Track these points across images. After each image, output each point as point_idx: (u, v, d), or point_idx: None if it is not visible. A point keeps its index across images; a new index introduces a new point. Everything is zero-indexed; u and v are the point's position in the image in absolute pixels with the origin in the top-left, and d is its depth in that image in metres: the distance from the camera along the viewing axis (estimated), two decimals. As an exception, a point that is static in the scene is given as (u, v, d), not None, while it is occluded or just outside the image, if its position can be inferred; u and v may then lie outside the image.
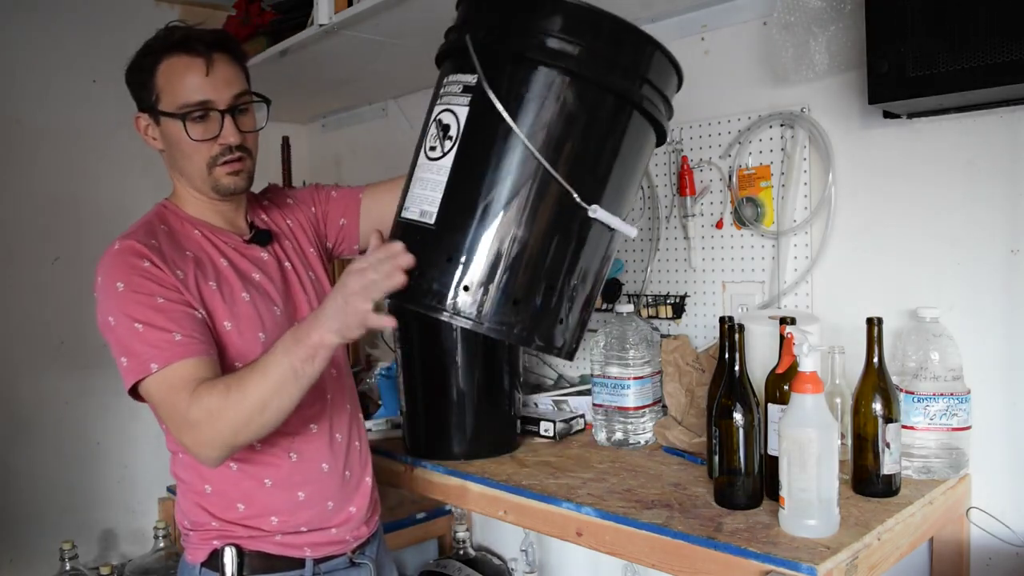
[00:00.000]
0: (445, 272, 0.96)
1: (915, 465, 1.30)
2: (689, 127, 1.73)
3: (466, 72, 0.95)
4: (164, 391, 1.11)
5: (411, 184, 1.01)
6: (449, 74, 1.00)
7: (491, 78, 0.93)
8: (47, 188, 2.27)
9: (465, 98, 0.95)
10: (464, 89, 0.95)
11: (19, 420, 2.23)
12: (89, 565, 2.16)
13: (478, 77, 0.94)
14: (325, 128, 2.84)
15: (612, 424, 1.58)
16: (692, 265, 1.74)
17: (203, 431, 1.10)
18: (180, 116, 1.19)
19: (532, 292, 0.97)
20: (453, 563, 2.14)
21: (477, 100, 0.94)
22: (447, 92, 0.99)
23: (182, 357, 1.11)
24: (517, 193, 0.95)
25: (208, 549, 1.24)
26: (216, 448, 1.11)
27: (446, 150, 0.95)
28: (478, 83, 0.93)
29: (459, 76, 0.96)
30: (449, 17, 1.10)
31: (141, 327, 1.12)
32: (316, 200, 1.46)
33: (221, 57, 1.22)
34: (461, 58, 0.97)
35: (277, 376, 1.08)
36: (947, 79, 1.17)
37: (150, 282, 1.14)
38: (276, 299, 1.27)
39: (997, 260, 1.35)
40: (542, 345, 0.99)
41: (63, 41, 2.30)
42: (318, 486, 1.27)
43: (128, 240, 1.17)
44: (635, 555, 1.19)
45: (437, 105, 1.00)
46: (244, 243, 1.30)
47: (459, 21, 1.02)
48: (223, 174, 1.23)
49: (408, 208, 1.00)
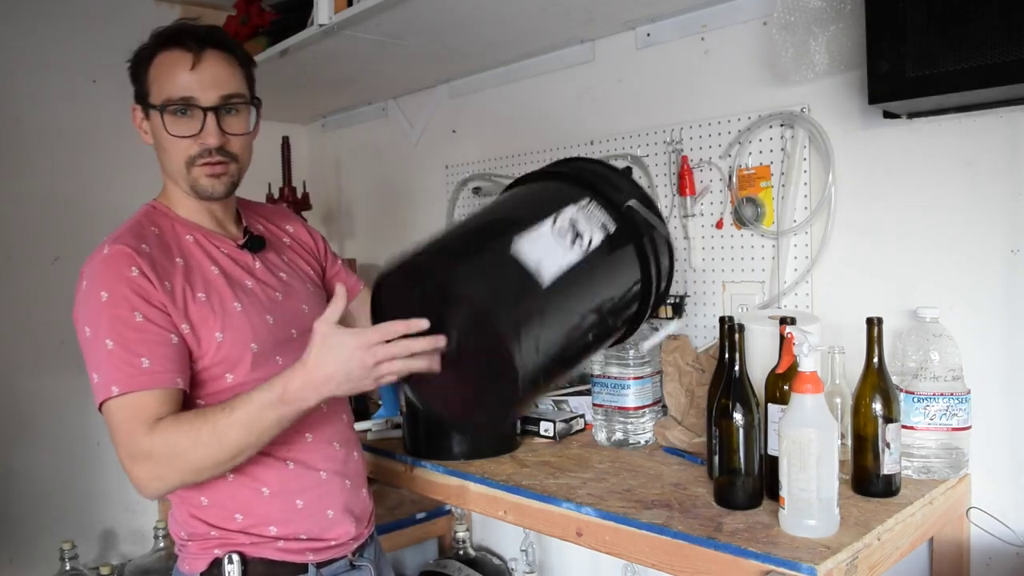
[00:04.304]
0: (532, 329, 1.08)
1: (915, 465, 1.30)
2: (689, 127, 1.73)
3: (609, 214, 1.18)
4: (122, 417, 1.10)
5: (529, 234, 1.10)
6: (593, 201, 1.18)
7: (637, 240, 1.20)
8: (47, 188, 2.27)
9: (601, 232, 1.15)
10: (602, 226, 1.16)
11: (19, 420, 2.23)
12: (89, 565, 2.16)
13: (621, 232, 1.18)
14: (325, 128, 2.84)
15: (612, 424, 1.58)
16: (692, 265, 1.74)
17: (160, 467, 1.09)
18: (161, 109, 1.18)
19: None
20: (453, 563, 2.14)
21: (607, 242, 1.16)
22: (589, 210, 1.16)
23: (146, 387, 1.09)
24: (590, 317, 1.16)
25: (208, 558, 1.21)
26: (168, 485, 1.12)
27: (573, 247, 1.11)
28: (619, 236, 1.18)
29: (602, 214, 1.18)
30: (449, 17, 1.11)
31: (112, 345, 1.10)
32: (326, 252, 1.48)
33: (214, 54, 1.19)
34: (609, 204, 1.19)
35: (261, 430, 1.09)
36: (947, 79, 1.17)
37: (135, 295, 1.12)
38: (269, 308, 1.25)
39: (997, 260, 1.35)
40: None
41: (63, 41, 2.30)
42: (316, 494, 1.25)
43: (118, 244, 1.14)
44: (635, 555, 1.19)
45: (573, 206, 1.15)
46: (237, 248, 1.28)
47: (617, 185, 1.22)
48: (202, 175, 1.21)
49: (522, 251, 1.08)
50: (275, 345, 1.23)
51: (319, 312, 1.34)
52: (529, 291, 1.04)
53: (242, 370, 1.19)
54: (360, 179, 2.76)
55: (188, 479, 1.12)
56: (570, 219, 1.12)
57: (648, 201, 1.23)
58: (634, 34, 1.84)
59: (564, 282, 1.07)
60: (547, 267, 1.05)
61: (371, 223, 2.74)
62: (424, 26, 1.81)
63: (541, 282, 1.04)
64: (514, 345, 1.00)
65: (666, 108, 1.80)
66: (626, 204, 1.18)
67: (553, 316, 1.07)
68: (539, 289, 1.04)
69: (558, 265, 1.06)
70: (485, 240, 1.11)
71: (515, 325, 1.02)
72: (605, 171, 1.26)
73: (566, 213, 1.13)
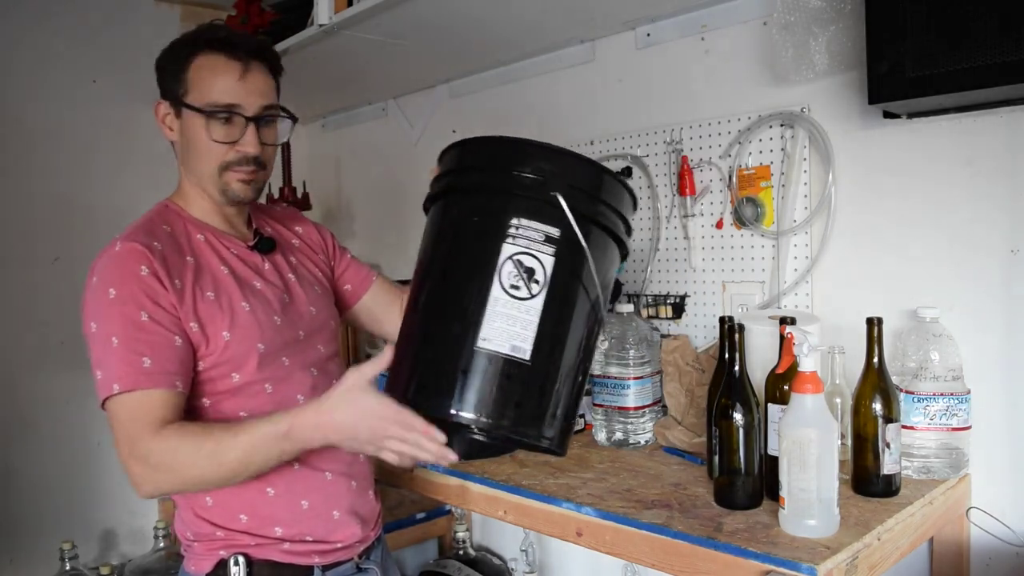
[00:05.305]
0: (538, 404, 1.06)
1: (915, 465, 1.30)
2: (689, 127, 1.73)
3: (547, 223, 1.06)
4: (125, 417, 1.11)
5: (487, 317, 1.04)
6: (521, 217, 1.06)
7: (579, 239, 1.07)
8: (46, 188, 2.27)
9: (549, 248, 1.06)
10: (547, 239, 1.06)
11: (19, 420, 2.23)
12: (89, 565, 2.16)
13: (565, 234, 1.06)
14: (325, 128, 2.85)
15: (612, 424, 1.58)
16: (692, 265, 1.74)
17: (161, 475, 1.11)
18: (205, 113, 1.20)
19: (574, 412, 1.13)
20: (453, 563, 2.14)
21: (563, 253, 1.06)
22: (524, 236, 1.06)
23: (146, 387, 1.10)
24: (586, 330, 1.11)
25: (214, 559, 1.21)
26: (161, 490, 1.14)
27: (534, 292, 1.05)
28: (564, 239, 1.06)
29: (538, 224, 1.06)
30: (448, 17, 1.11)
31: (116, 342, 1.11)
32: (335, 248, 1.48)
33: (258, 66, 1.23)
34: (538, 207, 1.07)
35: (261, 460, 1.12)
36: (947, 79, 1.17)
37: (143, 295, 1.12)
38: (277, 309, 1.26)
39: (997, 260, 1.35)
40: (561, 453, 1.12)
41: (63, 41, 2.29)
42: (322, 495, 1.25)
43: (130, 242, 1.15)
44: (635, 555, 1.19)
45: (510, 243, 1.06)
46: (247, 249, 1.29)
47: (536, 172, 1.08)
48: (234, 180, 1.24)
49: (490, 340, 1.03)
50: (282, 346, 1.24)
51: (327, 315, 1.36)
52: (521, 377, 1.04)
53: (248, 369, 1.19)
54: (360, 179, 2.76)
55: (179, 488, 1.16)
56: (513, 262, 1.05)
57: (560, 157, 1.10)
58: (634, 34, 1.84)
59: (546, 331, 1.05)
60: (521, 340, 1.03)
61: (371, 223, 2.74)
62: (424, 26, 1.81)
63: (526, 360, 1.03)
64: (531, 431, 1.05)
65: (666, 108, 1.80)
66: (551, 194, 1.05)
67: (554, 370, 1.06)
68: (527, 365, 1.03)
69: (532, 326, 1.04)
70: (455, 360, 1.04)
71: (523, 418, 1.04)
72: (497, 154, 1.13)
73: (504, 256, 1.05)
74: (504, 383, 1.03)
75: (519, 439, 1.08)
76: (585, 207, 1.08)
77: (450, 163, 1.17)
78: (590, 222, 1.09)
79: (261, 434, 1.10)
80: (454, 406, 1.02)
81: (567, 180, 1.08)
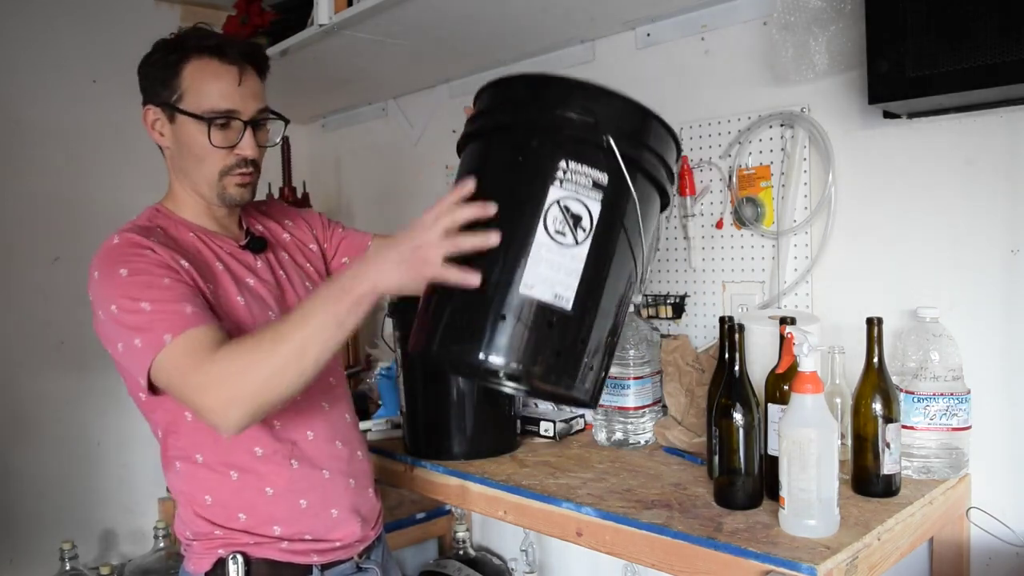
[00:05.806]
0: (579, 354, 1.02)
1: (915, 465, 1.30)
2: (689, 127, 1.73)
3: (596, 168, 1.02)
4: (180, 356, 1.07)
5: (531, 262, 1.00)
6: (570, 160, 1.02)
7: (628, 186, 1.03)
8: (47, 188, 2.27)
9: (596, 193, 1.02)
10: (595, 184, 1.02)
11: (19, 420, 2.22)
12: (89, 565, 2.16)
13: (613, 180, 1.02)
14: (325, 128, 2.84)
15: (612, 424, 1.58)
16: (692, 265, 1.74)
17: (229, 386, 1.05)
18: (206, 120, 1.20)
19: (608, 366, 1.09)
20: (453, 563, 2.14)
21: (610, 200, 1.02)
22: (573, 181, 1.02)
23: (197, 324, 1.09)
24: (626, 282, 1.07)
25: (212, 558, 1.21)
26: (241, 405, 1.05)
27: (579, 240, 1.01)
28: (612, 185, 1.02)
29: (588, 169, 1.02)
30: (448, 18, 1.10)
31: (149, 306, 1.09)
32: (323, 229, 1.48)
33: (251, 70, 1.24)
34: (590, 152, 1.02)
35: (318, 323, 1.05)
36: (947, 79, 1.17)
37: (155, 266, 1.13)
38: (271, 304, 1.27)
39: (997, 260, 1.35)
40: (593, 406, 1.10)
41: (63, 41, 2.29)
42: (320, 493, 1.25)
43: (128, 234, 1.17)
44: (635, 555, 1.19)
45: (557, 187, 1.01)
46: (239, 248, 1.30)
47: (587, 114, 1.03)
48: (232, 184, 1.24)
49: (532, 286, 0.99)
50: None
51: None
52: (564, 325, 1.00)
53: None
54: (360, 179, 2.76)
55: (262, 398, 1.06)
56: (559, 207, 1.00)
57: (608, 98, 1.05)
58: (634, 34, 1.84)
59: (588, 280, 1.00)
60: (564, 288, 0.99)
61: (371, 223, 2.73)
62: (424, 26, 1.81)
63: (567, 309, 0.99)
64: (568, 381, 1.01)
65: (666, 108, 1.78)
66: (604, 137, 1.01)
67: (593, 322, 1.02)
68: (568, 314, 0.99)
69: (576, 274, 1.00)
70: (492, 305, 0.99)
71: (561, 367, 1.01)
72: (542, 92, 1.08)
73: (551, 200, 1.00)
74: (545, 331, 0.99)
75: (552, 389, 1.05)
76: (633, 152, 1.04)
77: (490, 101, 1.12)
78: (637, 169, 1.05)
79: (310, 300, 1.08)
80: (483, 350, 0.98)
81: (616, 123, 1.03)
